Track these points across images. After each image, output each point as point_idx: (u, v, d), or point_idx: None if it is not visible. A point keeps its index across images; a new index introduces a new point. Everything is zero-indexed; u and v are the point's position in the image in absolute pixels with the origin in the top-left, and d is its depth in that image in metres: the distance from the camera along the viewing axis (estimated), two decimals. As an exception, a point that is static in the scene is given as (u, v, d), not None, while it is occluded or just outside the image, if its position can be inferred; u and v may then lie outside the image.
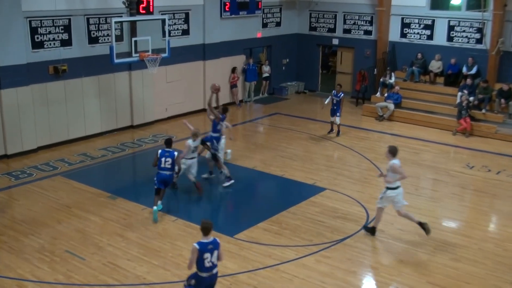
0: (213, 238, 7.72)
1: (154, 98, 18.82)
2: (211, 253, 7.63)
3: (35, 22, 15.23)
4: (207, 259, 7.61)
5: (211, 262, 7.66)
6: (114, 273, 9.55)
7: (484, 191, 13.66)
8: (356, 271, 9.81)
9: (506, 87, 18.43)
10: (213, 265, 7.71)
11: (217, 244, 7.72)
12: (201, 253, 7.55)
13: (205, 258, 7.60)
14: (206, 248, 7.58)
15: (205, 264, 7.62)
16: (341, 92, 17.61)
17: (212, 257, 7.66)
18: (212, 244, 7.65)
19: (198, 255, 7.55)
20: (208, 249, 7.59)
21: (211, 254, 7.64)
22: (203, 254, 7.57)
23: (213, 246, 7.66)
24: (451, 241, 10.90)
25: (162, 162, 11.81)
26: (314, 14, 23.98)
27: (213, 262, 7.70)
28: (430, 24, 21.01)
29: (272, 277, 9.51)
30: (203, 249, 7.55)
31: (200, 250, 7.54)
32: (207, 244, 7.60)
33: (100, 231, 11.14)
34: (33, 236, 10.86)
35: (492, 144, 17.40)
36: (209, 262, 7.64)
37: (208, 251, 7.60)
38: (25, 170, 14.43)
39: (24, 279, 9.35)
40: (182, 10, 19.28)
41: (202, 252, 7.55)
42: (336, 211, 12.19)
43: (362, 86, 21.88)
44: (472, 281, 9.45)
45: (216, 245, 7.70)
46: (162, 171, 11.82)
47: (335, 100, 17.53)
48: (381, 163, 15.39)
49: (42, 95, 15.68)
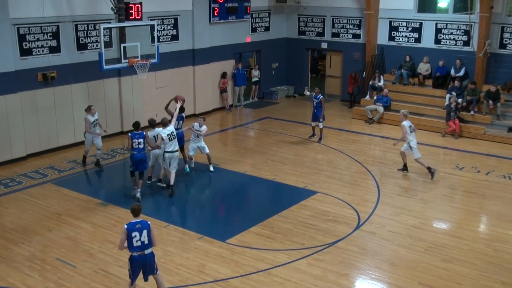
0: (142, 220, 8.30)
1: (144, 104, 18.78)
2: (139, 232, 8.16)
3: (23, 29, 15.17)
4: (135, 238, 8.14)
5: (140, 242, 8.17)
6: (105, 280, 9.50)
7: (473, 192, 13.74)
8: (348, 273, 9.83)
9: (494, 88, 18.57)
10: (142, 244, 8.20)
11: (147, 224, 8.24)
12: (130, 231, 8.12)
13: (134, 237, 8.14)
14: (134, 227, 8.15)
15: (134, 243, 8.16)
16: (320, 94, 17.38)
17: (141, 237, 8.16)
18: (140, 223, 8.21)
19: (127, 234, 8.12)
20: (136, 228, 8.16)
21: (140, 233, 8.16)
22: (131, 233, 8.13)
23: (142, 226, 8.20)
24: (441, 242, 10.95)
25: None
26: (302, 18, 24.07)
27: (143, 242, 8.20)
28: (418, 27, 21.15)
29: (265, 281, 9.50)
30: (131, 228, 8.14)
31: (128, 229, 8.13)
32: (136, 224, 8.19)
33: (91, 238, 11.09)
34: (23, 245, 10.77)
35: (480, 145, 17.52)
36: (138, 241, 8.17)
37: (136, 230, 8.15)
38: (15, 178, 14.34)
39: (14, 287, 9.28)
40: (171, 16, 19.29)
41: (131, 231, 8.12)
42: (327, 214, 12.21)
43: (355, 88, 21.96)
44: (463, 282, 9.49)
45: (144, 225, 8.22)
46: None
47: (314, 102, 17.35)
48: (371, 166, 15.47)
49: (31, 102, 15.60)
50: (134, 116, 18.42)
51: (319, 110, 17.27)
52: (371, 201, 13.06)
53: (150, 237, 8.26)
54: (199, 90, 20.79)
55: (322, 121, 17.40)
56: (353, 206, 12.66)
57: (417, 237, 11.17)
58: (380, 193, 13.49)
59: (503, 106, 18.80)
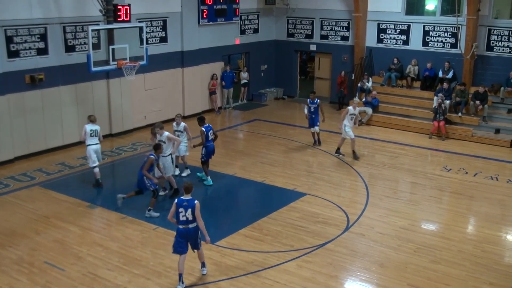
0: (191, 198, 9.13)
1: (133, 106, 18.73)
2: (185, 209, 9.06)
3: (11, 31, 15.06)
4: (181, 213, 9.08)
5: (185, 217, 9.08)
6: (94, 284, 9.44)
7: (461, 193, 13.83)
8: (337, 275, 9.85)
9: (482, 89, 18.72)
10: (187, 220, 9.09)
11: (193, 204, 9.07)
12: (178, 206, 9.08)
13: (180, 212, 9.08)
14: (182, 204, 9.08)
15: (180, 218, 9.11)
16: (316, 98, 17.17)
17: (186, 213, 9.06)
18: (187, 202, 9.07)
19: (175, 208, 9.07)
20: (183, 205, 9.07)
21: (185, 210, 9.06)
22: (179, 208, 9.08)
23: (188, 204, 9.06)
24: (430, 243, 11.01)
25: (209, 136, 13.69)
26: (291, 21, 24.12)
27: (188, 218, 9.09)
28: (406, 29, 21.28)
29: (254, 283, 9.50)
30: (179, 204, 9.09)
31: (177, 204, 9.09)
32: (184, 201, 9.09)
33: (80, 241, 11.02)
34: (11, 248, 10.69)
35: (468, 146, 17.65)
36: (183, 217, 9.09)
37: (183, 206, 9.07)
38: (2, 181, 14.22)
39: (2, 291, 9.23)
40: (160, 18, 19.25)
41: (178, 206, 9.08)
42: (316, 216, 12.24)
43: (341, 90, 22.01)
44: (451, 283, 9.55)
45: (191, 204, 9.07)
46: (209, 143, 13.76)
47: (312, 108, 17.06)
48: (360, 167, 15.53)
49: (19, 104, 15.49)
50: (123, 118, 18.42)
51: (317, 115, 17.05)
52: (360, 202, 13.11)
53: (194, 215, 9.05)
54: (188, 92, 20.76)
55: (318, 124, 17.23)
56: (342, 208, 12.69)
57: (406, 238, 11.22)
58: (369, 195, 13.55)
59: (490, 108, 18.97)
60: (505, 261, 10.47)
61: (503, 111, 19.04)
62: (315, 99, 17.10)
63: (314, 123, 17.15)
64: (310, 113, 17.07)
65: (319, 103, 17.07)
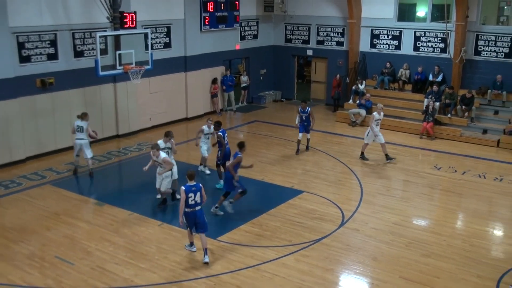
0: (196, 183, 9.74)
1: (138, 108, 18.73)
2: (194, 194, 9.63)
3: (22, 37, 15.06)
4: (191, 198, 9.61)
5: (194, 201, 9.64)
6: (102, 277, 9.45)
7: (451, 190, 13.84)
8: (333, 268, 9.86)
9: (469, 94, 18.74)
10: (195, 203, 9.66)
11: (199, 187, 9.74)
12: (187, 192, 9.54)
13: (189, 197, 9.59)
14: (191, 189, 9.62)
15: (189, 202, 9.61)
16: (307, 107, 16.28)
17: (195, 197, 9.64)
18: (195, 187, 9.68)
19: (186, 195, 9.50)
20: (192, 190, 9.63)
21: (195, 194, 9.63)
22: (188, 194, 9.56)
23: (196, 188, 9.67)
24: (421, 238, 11.02)
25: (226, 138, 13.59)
26: (289, 27, 24.13)
27: (196, 201, 9.66)
28: (398, 35, 21.29)
29: (254, 276, 9.51)
30: (188, 190, 9.58)
31: (186, 190, 9.55)
32: (191, 186, 9.65)
33: (88, 236, 11.03)
34: (23, 243, 10.70)
35: (457, 146, 17.66)
36: (193, 201, 9.64)
37: (192, 191, 9.62)
38: (14, 179, 14.23)
39: (15, 284, 9.21)
40: (164, 24, 19.25)
41: (188, 192, 9.55)
42: (313, 213, 12.24)
43: (336, 92, 22.03)
44: (441, 275, 9.57)
45: (198, 187, 9.71)
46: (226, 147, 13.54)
47: (304, 116, 16.28)
48: (354, 166, 15.54)
49: (30, 107, 15.50)
50: (129, 120, 18.42)
51: (309, 122, 16.38)
52: (355, 199, 13.11)
53: (201, 196, 9.71)
54: (191, 95, 20.76)
55: (310, 131, 16.64)
56: (337, 205, 12.70)
57: (398, 233, 11.23)
58: (363, 192, 13.56)
59: (477, 109, 18.99)
60: (492, 255, 10.48)
61: (490, 113, 19.06)
62: (306, 107, 16.29)
63: (306, 130, 16.50)
64: (302, 121, 16.37)
65: (310, 111, 16.32)
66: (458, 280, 9.43)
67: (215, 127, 13.72)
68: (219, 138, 13.44)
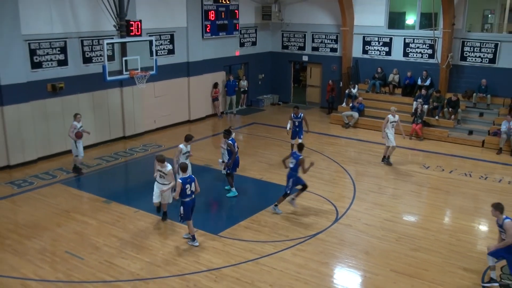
0: (190, 175, 10.25)
1: (144, 111, 18.73)
2: (190, 184, 10.08)
3: (34, 44, 15.07)
4: (188, 188, 10.06)
5: (190, 191, 10.11)
6: (110, 271, 9.46)
7: (438, 188, 13.86)
8: (328, 262, 9.88)
9: (455, 98, 18.78)
10: (192, 192, 10.16)
11: (193, 178, 10.21)
12: (184, 184, 9.97)
13: (186, 188, 10.04)
14: (186, 181, 10.05)
15: (187, 192, 10.06)
16: (300, 113, 15.70)
17: (191, 187, 10.10)
18: (190, 178, 10.14)
19: (183, 187, 9.94)
20: (187, 181, 10.05)
21: (190, 185, 10.09)
22: (185, 185, 9.99)
23: (190, 180, 10.12)
24: (410, 233, 11.04)
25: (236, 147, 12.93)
26: (286, 34, 24.14)
27: (192, 191, 10.16)
28: (388, 41, 21.32)
29: (253, 269, 9.52)
30: (184, 182, 10.01)
31: (183, 183, 9.97)
32: (187, 178, 10.10)
33: (97, 232, 11.04)
34: (35, 239, 10.71)
35: (444, 146, 17.68)
36: (189, 191, 10.10)
37: (188, 183, 10.04)
38: (27, 179, 14.23)
39: (27, 278, 9.22)
40: (168, 32, 19.26)
41: (184, 184, 9.98)
42: (309, 209, 12.25)
43: (330, 96, 22.05)
44: (429, 268, 9.58)
45: (192, 179, 10.18)
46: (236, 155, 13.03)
47: (296, 122, 15.69)
48: (348, 166, 15.56)
49: (41, 110, 15.50)
50: (135, 122, 18.43)
51: (301, 128, 15.80)
52: (348, 197, 13.13)
53: (195, 187, 10.17)
54: (193, 99, 20.77)
55: (302, 137, 15.82)
56: (332, 202, 12.72)
57: (389, 229, 11.25)
58: (356, 190, 13.57)
59: (464, 112, 19.02)
60: (478, 249, 10.50)
61: (475, 115, 19.09)
62: (299, 113, 15.69)
63: (299, 136, 15.72)
64: (294, 126, 15.77)
65: (303, 116, 15.76)
66: (445, 273, 9.45)
67: (225, 135, 13.04)
68: (229, 146, 12.76)
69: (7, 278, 9.22)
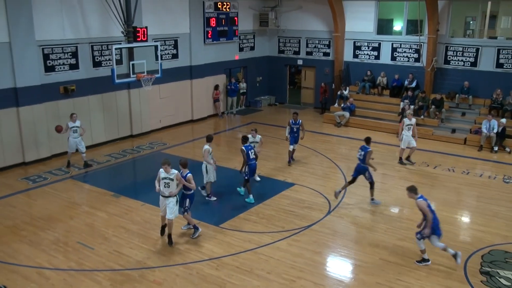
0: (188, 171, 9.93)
1: (150, 111, 18.72)
2: None
3: (47, 49, 15.05)
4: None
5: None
6: (119, 260, 9.48)
7: (424, 182, 13.85)
8: (321, 251, 9.89)
9: (439, 97, 18.82)
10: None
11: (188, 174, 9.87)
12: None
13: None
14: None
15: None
16: (298, 119, 15.00)
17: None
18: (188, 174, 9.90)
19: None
20: None
21: None
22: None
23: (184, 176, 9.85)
24: (398, 225, 11.06)
25: (250, 154, 12.21)
26: (282, 40, 24.13)
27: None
28: (377, 46, 21.32)
29: (252, 258, 9.54)
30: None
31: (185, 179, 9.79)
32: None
33: (106, 224, 11.05)
34: (49, 231, 10.72)
35: (429, 144, 17.70)
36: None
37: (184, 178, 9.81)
38: (41, 174, 14.23)
39: (42, 267, 9.23)
40: (172, 38, 19.24)
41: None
42: (303, 202, 12.27)
43: (324, 97, 22.06)
44: (415, 257, 9.60)
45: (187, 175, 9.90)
46: (252, 161, 12.29)
47: (295, 128, 14.97)
48: (340, 162, 15.57)
49: (54, 111, 15.48)
50: (142, 122, 18.42)
51: (298, 134, 15.14)
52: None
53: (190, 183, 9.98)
54: (195, 100, 20.76)
55: (297, 142, 15.32)
56: (325, 195, 12.73)
57: (378, 220, 11.28)
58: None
59: (447, 111, 19.05)
60: (460, 239, 10.54)
61: (458, 114, 19.12)
62: (298, 120, 14.99)
63: (296, 141, 15.21)
64: (293, 132, 15.00)
65: (301, 123, 15.07)
66: (430, 261, 9.48)
67: (242, 141, 12.39)
68: (242, 152, 12.18)
69: (23, 267, 9.23)
